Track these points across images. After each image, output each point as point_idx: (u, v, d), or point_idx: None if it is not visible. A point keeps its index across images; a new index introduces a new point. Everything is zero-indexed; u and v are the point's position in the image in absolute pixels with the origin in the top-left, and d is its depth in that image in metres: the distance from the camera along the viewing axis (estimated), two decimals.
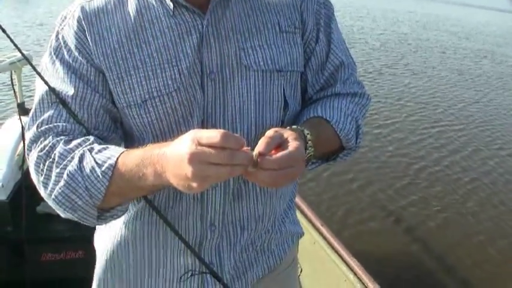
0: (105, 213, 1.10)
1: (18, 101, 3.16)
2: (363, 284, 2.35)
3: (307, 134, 1.09)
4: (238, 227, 1.26)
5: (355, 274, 2.41)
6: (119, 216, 1.14)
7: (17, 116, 3.14)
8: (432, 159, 7.49)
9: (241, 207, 1.24)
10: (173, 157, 0.92)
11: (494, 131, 9.53)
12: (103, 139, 1.13)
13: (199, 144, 0.88)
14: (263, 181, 0.96)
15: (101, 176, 1.02)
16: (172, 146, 0.94)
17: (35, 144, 1.10)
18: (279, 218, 1.37)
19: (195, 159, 0.87)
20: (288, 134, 1.02)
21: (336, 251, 2.58)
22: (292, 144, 0.98)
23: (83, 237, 2.83)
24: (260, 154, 0.94)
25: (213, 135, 0.87)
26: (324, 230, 2.74)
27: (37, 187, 1.11)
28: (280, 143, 0.98)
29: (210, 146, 0.87)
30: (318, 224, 2.80)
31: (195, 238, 1.23)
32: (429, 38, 21.49)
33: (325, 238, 2.70)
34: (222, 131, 0.88)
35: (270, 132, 0.99)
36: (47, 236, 2.96)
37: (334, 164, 1.34)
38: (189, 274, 1.25)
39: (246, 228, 1.27)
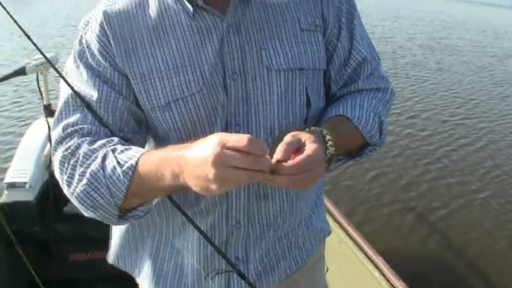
0: (127, 214, 1.11)
1: (45, 103, 3.19)
2: (389, 281, 2.34)
3: (326, 134, 1.09)
4: (264, 225, 1.26)
5: (381, 272, 2.40)
6: (141, 217, 1.15)
7: (43, 118, 3.17)
8: (456, 154, 7.44)
9: (267, 206, 1.24)
10: (194, 158, 0.92)
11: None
12: (127, 141, 1.14)
13: (225, 147, 0.88)
14: (282, 186, 0.99)
15: (121, 176, 1.03)
16: (195, 147, 0.94)
17: (60, 145, 1.12)
18: (306, 215, 1.37)
19: (219, 161, 0.87)
20: (306, 137, 1.02)
21: (362, 250, 2.58)
22: (310, 147, 0.99)
23: (111, 237, 2.86)
24: (278, 161, 0.95)
25: (239, 139, 0.88)
26: (350, 229, 2.73)
27: (61, 186, 1.13)
28: (298, 147, 0.99)
29: (235, 149, 0.88)
30: (344, 223, 2.80)
31: (220, 236, 1.24)
32: (455, 36, 21.33)
33: (351, 237, 2.69)
34: (248, 136, 0.89)
35: (287, 138, 1.00)
36: (74, 236, 2.99)
37: (359, 160, 1.34)
38: (215, 273, 1.27)
39: (272, 225, 1.27)
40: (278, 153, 0.97)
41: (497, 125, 9.27)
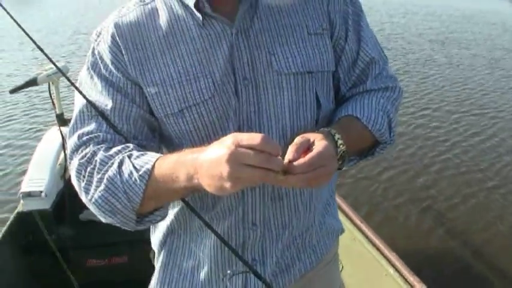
0: (144, 218, 1.13)
1: (57, 112, 3.22)
2: (403, 277, 2.34)
3: (335, 133, 1.11)
4: (279, 226, 1.28)
5: (395, 268, 2.41)
6: (158, 221, 1.17)
7: (56, 127, 3.20)
8: (467, 148, 7.36)
9: (282, 207, 1.26)
10: (209, 158, 0.95)
11: None
12: (142, 148, 1.16)
13: (239, 145, 0.91)
14: (296, 184, 0.99)
15: (138, 180, 1.05)
16: (210, 148, 0.97)
17: (76, 153, 1.15)
18: (320, 214, 1.39)
19: (233, 158, 0.90)
20: (314, 136, 1.05)
21: (376, 247, 2.58)
22: (320, 144, 1.02)
23: (126, 242, 2.89)
24: (290, 161, 0.98)
25: (253, 137, 0.91)
26: (363, 226, 2.74)
27: (78, 193, 1.15)
28: (308, 147, 1.01)
29: (249, 148, 0.90)
30: (357, 220, 2.81)
31: (237, 238, 1.26)
32: (463, 30, 21.18)
33: (364, 234, 2.70)
34: (262, 134, 0.91)
35: (297, 139, 1.02)
36: (90, 243, 3.02)
37: (371, 158, 1.35)
38: (231, 274, 1.28)
39: (287, 226, 1.29)
40: (289, 154, 0.99)
41: (508, 114, 9.19)
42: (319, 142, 1.02)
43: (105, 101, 1.16)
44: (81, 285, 2.87)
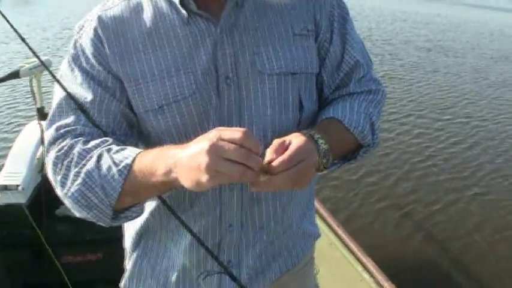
0: (119, 214, 1.12)
1: (38, 106, 3.20)
2: (378, 283, 2.35)
3: (313, 133, 1.09)
4: (257, 228, 1.27)
5: (370, 274, 2.41)
6: (133, 218, 1.16)
7: (36, 121, 3.18)
8: (449, 155, 7.45)
9: (260, 210, 1.25)
10: (190, 150, 0.94)
11: (505, 124, 9.55)
12: (120, 143, 1.15)
13: (221, 139, 0.90)
14: (281, 185, 0.98)
15: (117, 175, 1.04)
16: (192, 142, 0.96)
17: (53, 146, 1.13)
18: (297, 219, 1.38)
19: (213, 150, 0.89)
20: (291, 136, 1.04)
21: (352, 252, 2.58)
22: (296, 140, 1.01)
23: (102, 239, 2.87)
24: (269, 162, 0.97)
25: (235, 131, 0.90)
26: (340, 231, 2.74)
27: (54, 187, 1.14)
28: (286, 147, 1.00)
29: (230, 142, 0.90)
30: (334, 225, 2.81)
31: (213, 238, 1.25)
32: (451, 38, 21.38)
33: (341, 239, 2.70)
34: (244, 129, 0.91)
35: (274, 141, 1.01)
36: (66, 239, 3.00)
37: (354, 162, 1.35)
38: (206, 274, 1.28)
39: (264, 229, 1.29)
40: (267, 156, 0.98)
41: (493, 127, 9.29)
42: (296, 139, 1.02)
43: (85, 94, 1.14)
44: (56, 281, 2.84)
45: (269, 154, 0.98)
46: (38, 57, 1.44)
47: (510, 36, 25.79)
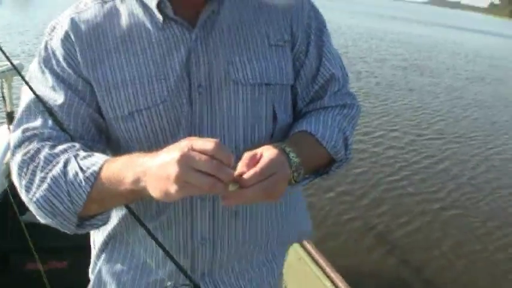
0: (85, 222, 1.09)
1: (8, 110, 3.16)
2: None
3: (284, 146, 1.08)
4: (232, 243, 1.24)
5: None
6: (99, 226, 1.13)
7: (5, 125, 3.13)
8: (421, 173, 7.54)
9: (236, 224, 1.23)
10: (160, 159, 0.92)
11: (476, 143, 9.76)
12: (88, 149, 1.12)
13: (192, 149, 0.89)
14: (252, 198, 0.96)
15: (83, 182, 1.01)
16: (163, 151, 0.94)
17: (19, 149, 1.10)
18: (273, 234, 1.35)
19: (183, 160, 0.87)
20: (262, 148, 1.02)
21: (320, 267, 2.58)
22: (268, 153, 1.00)
23: (68, 247, 2.82)
24: (240, 175, 0.95)
25: (207, 142, 0.89)
26: (308, 246, 2.73)
27: (19, 191, 1.10)
28: (257, 160, 0.99)
29: (201, 152, 0.88)
30: (304, 240, 2.80)
31: (185, 251, 1.22)
32: (427, 58, 21.70)
33: (309, 254, 2.69)
34: (216, 140, 0.89)
35: (245, 154, 0.99)
36: (31, 246, 2.94)
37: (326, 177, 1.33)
38: (172, 286, 1.25)
39: (239, 244, 1.26)
40: (239, 168, 0.96)
41: (463, 145, 9.44)
42: (267, 152, 1.00)
43: (54, 97, 1.12)
44: None
45: (240, 167, 0.97)
46: (9, 60, 1.42)
47: (486, 58, 26.27)
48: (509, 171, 8.43)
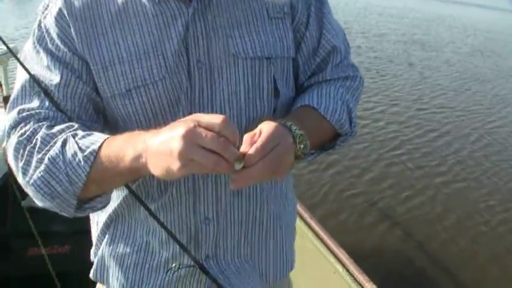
0: (84, 205, 1.07)
1: (4, 94, 3.14)
2: (352, 276, 2.34)
3: (285, 121, 1.06)
4: (236, 222, 1.22)
5: (343, 266, 2.40)
6: (99, 209, 1.11)
7: (2, 109, 3.11)
8: (423, 147, 7.57)
9: (240, 203, 1.21)
10: (163, 135, 0.90)
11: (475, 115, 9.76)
12: (86, 128, 1.10)
13: (198, 125, 0.86)
14: (259, 176, 0.94)
15: (82, 162, 0.99)
16: (166, 127, 0.92)
17: (14, 130, 1.08)
18: (277, 214, 1.33)
19: (188, 136, 0.85)
20: (260, 125, 1.00)
21: (325, 244, 2.56)
22: (266, 126, 0.98)
23: (69, 231, 2.82)
24: (243, 155, 0.93)
25: (214, 118, 0.87)
26: (312, 222, 2.72)
27: (15, 174, 1.08)
28: (258, 136, 0.97)
29: (208, 128, 0.86)
30: (307, 216, 2.79)
31: (188, 231, 1.20)
32: (426, 32, 21.64)
33: (313, 230, 2.68)
34: (223, 116, 0.87)
35: (246, 136, 0.97)
36: (32, 231, 2.94)
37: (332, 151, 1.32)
38: (176, 267, 1.23)
39: (243, 223, 1.24)
40: (242, 148, 0.94)
41: (464, 119, 9.44)
42: (266, 126, 0.98)
43: (50, 76, 1.10)
44: (22, 274, 2.79)
45: (243, 147, 0.94)
46: (4, 43, 1.39)
47: (483, 31, 26.22)
48: (511, 145, 8.42)
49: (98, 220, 1.33)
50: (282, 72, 1.20)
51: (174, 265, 1.23)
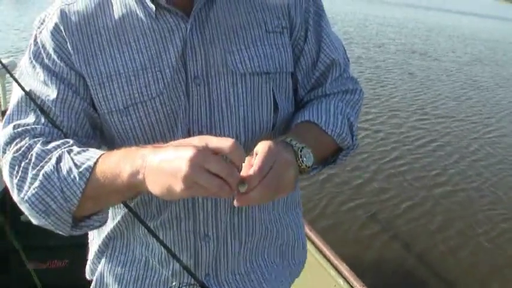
0: (79, 223, 1.05)
1: (2, 109, 3.13)
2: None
3: (284, 138, 1.05)
4: (236, 240, 1.21)
5: (344, 279, 2.38)
6: (95, 227, 1.10)
7: (1, 123, 3.10)
8: (422, 158, 7.52)
9: (240, 221, 1.20)
10: (166, 154, 0.89)
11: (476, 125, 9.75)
12: (82, 145, 1.09)
13: (207, 147, 0.86)
14: (262, 197, 0.93)
15: (77, 178, 0.98)
16: (169, 145, 0.91)
17: (9, 146, 1.06)
18: (282, 229, 1.32)
19: (196, 159, 0.84)
20: (257, 147, 0.98)
21: (325, 256, 2.55)
22: (261, 146, 0.96)
23: (68, 246, 2.80)
24: (243, 178, 0.92)
25: (223, 141, 0.86)
26: (312, 235, 2.71)
27: (10, 191, 1.06)
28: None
29: (216, 152, 0.85)
30: (307, 229, 2.77)
31: (188, 249, 1.19)
32: (425, 41, 21.70)
33: (314, 243, 2.67)
34: (233, 140, 0.87)
35: (246, 159, 0.95)
36: (31, 245, 2.92)
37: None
38: (177, 286, 1.21)
39: (244, 241, 1.23)
40: (242, 171, 0.93)
41: (464, 129, 9.43)
42: (260, 147, 0.97)
43: (47, 92, 1.08)
44: None
45: (242, 172, 0.93)
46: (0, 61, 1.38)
47: (482, 40, 26.26)
48: (510, 155, 8.39)
49: (96, 237, 1.32)
50: (281, 87, 1.20)
51: (174, 284, 1.22)
